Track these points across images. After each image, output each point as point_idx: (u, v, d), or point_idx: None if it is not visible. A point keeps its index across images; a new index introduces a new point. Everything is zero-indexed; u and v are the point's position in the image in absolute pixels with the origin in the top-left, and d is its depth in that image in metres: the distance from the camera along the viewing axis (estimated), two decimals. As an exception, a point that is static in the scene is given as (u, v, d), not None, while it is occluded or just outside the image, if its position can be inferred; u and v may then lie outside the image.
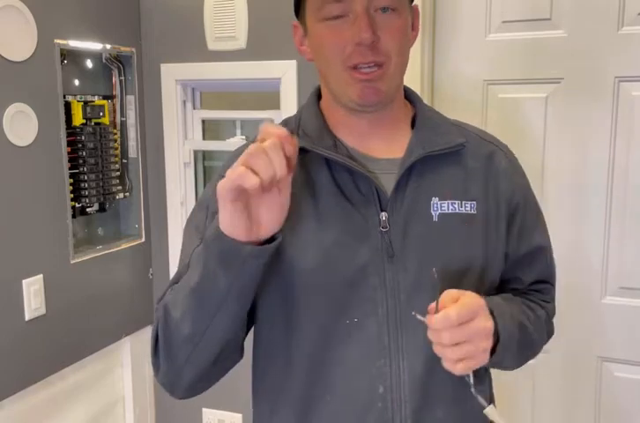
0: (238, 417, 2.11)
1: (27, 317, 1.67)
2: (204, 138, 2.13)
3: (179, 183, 2.08)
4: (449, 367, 0.81)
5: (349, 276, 0.88)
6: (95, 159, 1.91)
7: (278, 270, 0.88)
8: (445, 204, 0.92)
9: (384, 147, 0.95)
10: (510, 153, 1.03)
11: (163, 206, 2.11)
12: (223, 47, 1.95)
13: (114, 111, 2.02)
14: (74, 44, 1.80)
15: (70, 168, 1.81)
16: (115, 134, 2.01)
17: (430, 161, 0.92)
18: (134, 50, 2.02)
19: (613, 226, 1.69)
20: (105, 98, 1.98)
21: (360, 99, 0.88)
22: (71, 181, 1.82)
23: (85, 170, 1.87)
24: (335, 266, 0.88)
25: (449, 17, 1.78)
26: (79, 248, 1.87)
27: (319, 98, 1.00)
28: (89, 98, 1.92)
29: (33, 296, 1.68)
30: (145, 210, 2.11)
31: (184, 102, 2.08)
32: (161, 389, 0.94)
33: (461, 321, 0.79)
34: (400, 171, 0.90)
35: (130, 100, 2.04)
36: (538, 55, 1.70)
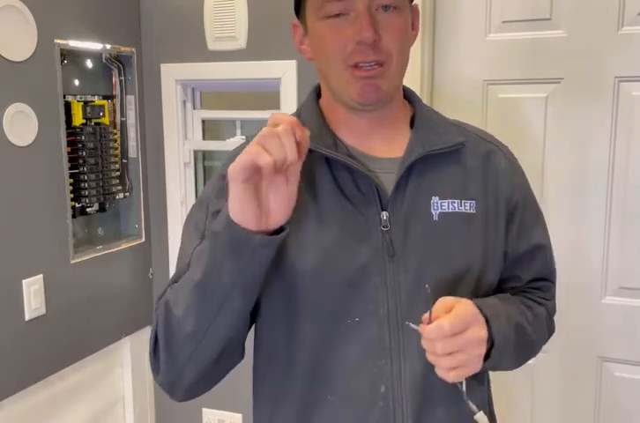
0: (238, 417, 2.11)
1: (27, 317, 1.67)
2: (204, 138, 2.13)
3: (179, 183, 2.08)
4: (442, 374, 0.82)
5: (350, 276, 0.88)
6: (95, 159, 1.91)
7: (279, 269, 0.88)
8: (445, 204, 0.92)
9: (384, 146, 0.94)
10: (510, 153, 1.03)
11: (163, 206, 2.11)
12: (223, 47, 1.95)
13: (114, 111, 2.02)
14: (74, 44, 1.80)
15: (70, 168, 1.81)
16: (115, 134, 2.01)
17: (430, 160, 0.92)
18: (134, 50, 2.02)
19: (613, 226, 1.69)
20: (105, 98, 1.98)
21: (361, 97, 0.88)
22: (71, 181, 1.82)
23: (85, 170, 1.87)
24: (336, 266, 0.88)
25: (449, 17, 1.78)
26: (79, 248, 1.87)
27: (318, 96, 0.99)
28: (89, 98, 1.92)
29: (33, 296, 1.68)
30: (145, 210, 2.11)
31: (184, 102, 2.08)
32: (161, 389, 0.93)
33: (454, 331, 0.79)
34: (400, 170, 0.90)
35: (130, 100, 2.04)
36: (538, 55, 1.70)
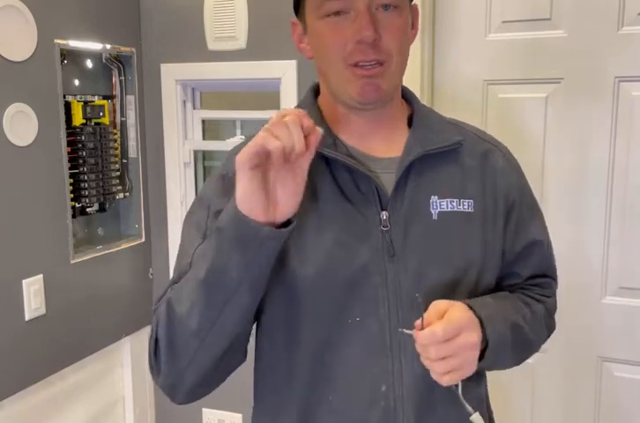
0: (238, 417, 2.11)
1: (27, 317, 1.67)
2: (204, 138, 2.13)
3: (179, 183, 2.08)
4: (436, 378, 0.82)
5: (350, 276, 0.88)
6: (95, 159, 1.91)
7: (279, 269, 0.88)
8: (444, 203, 0.92)
9: (383, 146, 0.94)
10: (507, 151, 1.03)
11: (163, 206, 2.11)
12: (223, 47, 1.95)
13: (114, 111, 2.02)
14: (74, 44, 1.80)
15: (70, 168, 1.81)
16: (115, 134, 2.01)
17: (428, 160, 0.92)
18: (134, 50, 2.02)
19: (613, 226, 1.69)
20: (105, 98, 1.98)
21: (361, 96, 0.88)
22: (71, 181, 1.82)
23: (85, 170, 1.87)
24: (336, 266, 0.88)
25: (449, 17, 1.78)
26: (79, 248, 1.87)
27: (316, 95, 0.99)
28: (89, 98, 1.92)
29: (33, 296, 1.68)
30: (145, 210, 2.11)
31: (184, 102, 2.08)
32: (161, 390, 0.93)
33: (447, 337, 0.80)
34: (399, 170, 0.90)
35: (130, 100, 2.04)
36: (538, 55, 1.70)
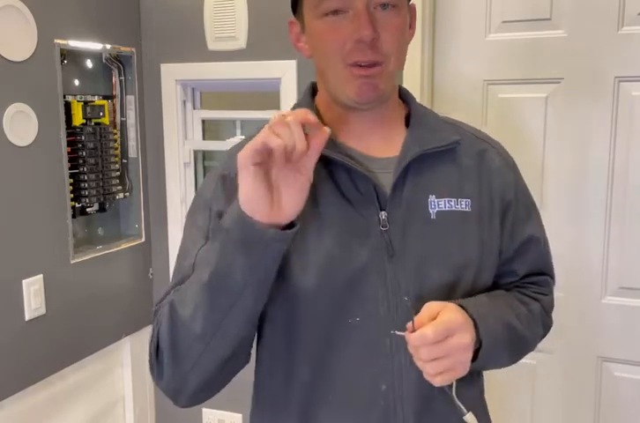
0: (238, 417, 2.11)
1: (27, 317, 1.67)
2: (204, 138, 2.13)
3: (179, 183, 2.08)
4: (428, 379, 0.82)
5: (350, 276, 0.88)
6: (95, 159, 1.91)
7: (279, 269, 0.87)
8: (442, 202, 0.92)
9: (381, 146, 0.94)
10: (503, 150, 1.03)
11: (163, 206, 2.11)
12: (223, 47, 1.95)
13: (114, 111, 2.02)
14: (74, 44, 1.80)
15: (70, 168, 1.81)
16: (115, 134, 2.01)
17: (426, 159, 0.92)
18: (134, 50, 2.02)
19: (613, 226, 1.69)
20: (105, 98, 1.98)
21: (358, 96, 0.88)
22: (71, 181, 1.82)
23: (85, 170, 1.87)
24: (337, 266, 0.88)
25: (449, 17, 1.78)
26: (79, 248, 1.87)
27: (313, 94, 0.99)
28: (89, 98, 1.92)
29: (33, 296, 1.68)
30: (145, 210, 2.11)
31: (184, 102, 2.08)
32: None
33: (438, 339, 0.80)
34: (398, 170, 0.90)
35: (130, 100, 2.04)
36: (538, 55, 1.70)
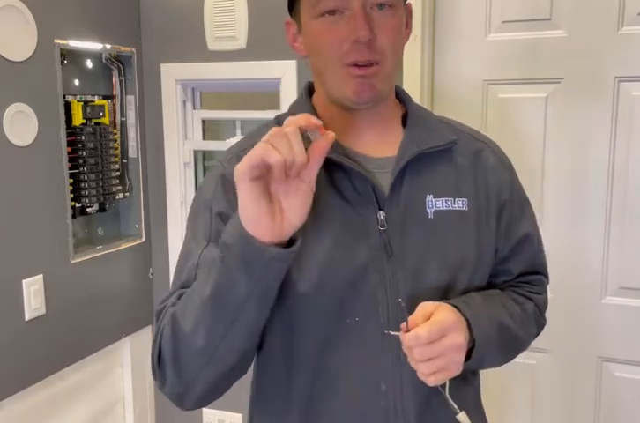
0: (238, 417, 2.11)
1: (27, 317, 1.67)
2: (204, 138, 2.13)
3: (179, 183, 2.08)
4: (422, 378, 0.82)
5: (350, 275, 0.88)
6: (95, 159, 1.91)
7: None
8: (440, 202, 0.92)
9: (378, 146, 0.94)
10: (498, 149, 1.04)
11: (163, 206, 2.11)
12: (223, 47, 1.95)
13: (114, 111, 2.02)
14: (74, 44, 1.80)
15: (70, 168, 1.81)
16: (115, 134, 2.01)
17: (423, 159, 0.92)
18: (134, 50, 2.02)
19: (613, 226, 1.69)
20: (105, 98, 1.98)
21: (356, 95, 0.88)
22: (71, 181, 1.82)
23: (85, 170, 1.87)
24: (336, 266, 0.88)
25: (449, 17, 1.78)
26: (79, 248, 1.87)
27: (310, 94, 0.99)
28: (89, 98, 1.92)
29: (33, 296, 1.68)
30: (145, 210, 2.11)
31: (184, 102, 2.08)
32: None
33: (431, 339, 0.80)
34: (395, 170, 0.90)
35: (130, 100, 2.04)
36: (538, 55, 1.70)
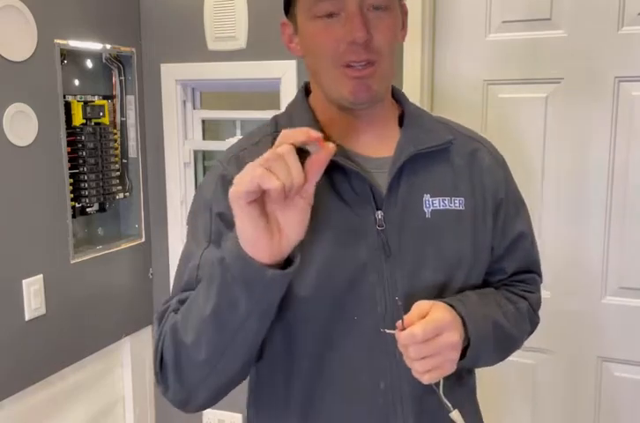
0: (238, 417, 2.11)
1: (27, 317, 1.67)
2: (204, 138, 2.13)
3: (179, 183, 2.08)
4: (416, 376, 0.83)
5: (349, 275, 0.88)
6: (95, 159, 1.91)
7: None
8: (437, 201, 0.93)
9: (375, 146, 0.95)
10: (493, 148, 1.04)
11: (163, 206, 2.11)
12: (223, 47, 1.95)
13: (114, 111, 2.02)
14: (74, 44, 1.80)
15: (70, 168, 1.81)
16: (115, 134, 2.01)
17: (420, 159, 0.93)
18: (134, 50, 2.02)
19: (613, 226, 1.69)
20: (105, 98, 1.98)
21: (353, 96, 0.88)
22: (71, 181, 1.82)
23: (85, 170, 1.87)
24: (336, 266, 0.88)
25: (449, 17, 1.78)
26: (79, 248, 1.87)
27: (307, 94, 0.99)
28: (89, 98, 1.92)
29: (33, 296, 1.68)
30: (145, 210, 2.11)
31: (184, 102, 2.08)
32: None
33: (426, 337, 0.80)
34: (393, 170, 0.90)
35: (130, 100, 2.04)
36: (538, 55, 1.70)
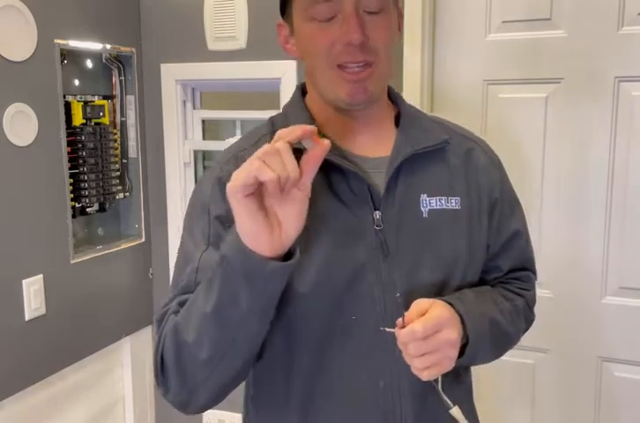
0: (238, 417, 2.11)
1: (27, 317, 1.67)
2: (204, 138, 2.13)
3: (179, 183, 2.08)
4: (416, 373, 0.83)
5: (348, 275, 0.88)
6: (95, 159, 1.91)
7: None
8: (433, 201, 0.93)
9: (372, 146, 0.95)
10: (488, 148, 1.05)
11: (163, 206, 2.11)
12: (223, 47, 1.95)
13: (114, 111, 2.02)
14: (74, 44, 1.80)
15: (70, 168, 1.81)
16: (115, 134, 2.01)
17: (417, 159, 0.93)
18: (134, 50, 2.02)
19: (613, 225, 1.69)
20: (105, 98, 1.98)
21: (349, 97, 0.88)
22: (71, 181, 1.82)
23: (85, 170, 1.87)
24: (334, 266, 0.88)
25: (449, 17, 1.78)
26: (79, 248, 1.87)
27: (304, 94, 0.99)
28: (89, 98, 1.92)
29: (33, 296, 1.68)
30: (145, 210, 2.11)
31: (184, 102, 2.08)
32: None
33: (426, 334, 0.81)
34: (390, 170, 0.91)
35: (130, 100, 2.04)
36: (538, 55, 1.70)
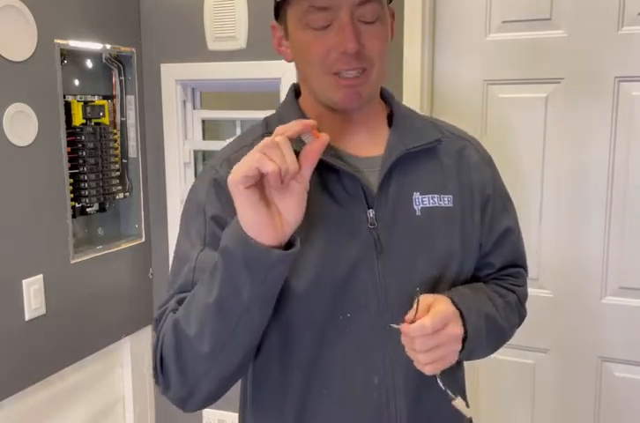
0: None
1: (27, 317, 1.67)
2: (204, 138, 2.13)
3: (179, 183, 2.08)
4: (419, 368, 0.84)
5: (343, 273, 0.89)
6: (95, 159, 1.91)
7: None
8: (426, 199, 0.94)
9: (365, 145, 0.96)
10: (480, 146, 1.06)
11: (163, 206, 2.11)
12: (223, 47, 1.95)
13: (114, 111, 2.02)
14: (74, 44, 1.80)
15: (70, 168, 1.81)
16: (115, 134, 2.01)
17: (410, 158, 0.94)
18: (134, 50, 2.02)
19: (613, 225, 1.69)
20: (105, 98, 1.98)
21: (343, 102, 0.90)
22: (71, 181, 1.82)
23: (85, 170, 1.87)
24: (329, 265, 0.89)
25: (449, 17, 1.78)
26: (79, 248, 1.87)
27: (297, 95, 1.00)
28: (89, 98, 1.92)
29: (33, 296, 1.68)
30: (145, 210, 2.11)
31: (184, 102, 2.08)
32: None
33: (435, 328, 0.81)
34: (383, 169, 0.92)
35: (130, 100, 2.04)
36: (538, 55, 1.70)
